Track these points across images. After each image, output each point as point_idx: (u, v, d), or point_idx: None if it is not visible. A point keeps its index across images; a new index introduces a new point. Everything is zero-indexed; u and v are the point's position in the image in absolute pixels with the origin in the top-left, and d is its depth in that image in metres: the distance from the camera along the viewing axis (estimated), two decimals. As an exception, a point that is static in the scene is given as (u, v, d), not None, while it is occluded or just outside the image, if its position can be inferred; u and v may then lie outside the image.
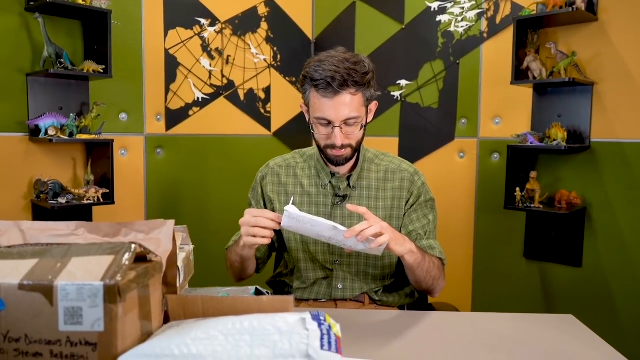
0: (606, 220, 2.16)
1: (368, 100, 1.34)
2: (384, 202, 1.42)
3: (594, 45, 2.15)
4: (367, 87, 1.31)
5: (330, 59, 1.29)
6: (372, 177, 1.44)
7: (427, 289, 1.39)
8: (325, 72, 1.26)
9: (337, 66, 1.26)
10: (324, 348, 0.65)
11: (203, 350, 0.66)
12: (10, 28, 2.07)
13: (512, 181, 2.23)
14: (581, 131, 2.19)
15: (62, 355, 0.68)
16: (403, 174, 1.44)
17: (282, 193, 1.47)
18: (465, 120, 2.50)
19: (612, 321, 2.15)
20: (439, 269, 1.38)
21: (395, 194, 1.43)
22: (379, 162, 1.46)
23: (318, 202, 1.43)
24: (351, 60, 1.29)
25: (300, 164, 1.49)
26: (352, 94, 1.28)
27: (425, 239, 1.42)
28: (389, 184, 1.44)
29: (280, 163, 1.51)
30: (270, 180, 1.49)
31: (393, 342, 1.09)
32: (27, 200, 2.15)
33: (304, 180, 1.46)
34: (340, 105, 1.28)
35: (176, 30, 2.52)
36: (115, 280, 0.67)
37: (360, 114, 1.31)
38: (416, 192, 1.43)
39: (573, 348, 1.06)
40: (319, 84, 1.28)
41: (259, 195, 1.50)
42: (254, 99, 2.71)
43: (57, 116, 2.10)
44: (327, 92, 1.27)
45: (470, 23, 2.44)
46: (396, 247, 1.19)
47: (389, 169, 1.45)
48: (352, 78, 1.26)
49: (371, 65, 1.33)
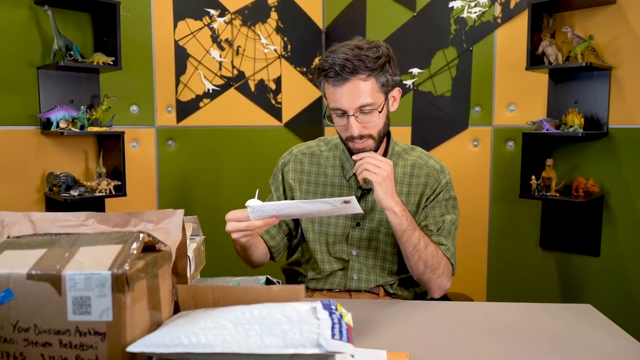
0: (625, 208, 2.12)
1: (384, 85, 1.27)
2: (407, 198, 1.38)
3: (612, 28, 2.09)
4: (380, 72, 1.25)
5: (342, 47, 1.25)
6: (398, 171, 1.40)
7: (420, 277, 1.30)
8: (334, 59, 1.23)
9: (346, 53, 1.23)
10: (335, 337, 0.63)
11: (212, 340, 0.65)
12: (20, 21, 2.08)
13: (528, 169, 2.18)
14: (599, 117, 2.14)
15: (71, 345, 0.67)
16: (429, 170, 1.40)
17: (304, 182, 1.44)
18: (479, 108, 2.45)
19: (631, 311, 2.10)
20: (438, 260, 1.28)
21: (419, 189, 1.39)
22: (407, 157, 1.42)
23: (342, 194, 1.40)
24: (363, 46, 1.25)
25: (325, 153, 1.45)
26: (363, 79, 1.23)
27: (437, 235, 1.35)
28: (414, 179, 1.40)
29: (304, 150, 1.47)
30: (293, 167, 1.45)
31: (406, 332, 1.07)
32: (40, 193, 2.17)
33: (328, 170, 1.42)
34: (351, 92, 1.23)
35: (185, 22, 2.51)
36: (123, 269, 0.67)
37: (376, 100, 1.26)
38: (438, 190, 1.39)
39: (592, 338, 1.04)
40: (328, 72, 1.24)
41: (279, 181, 1.47)
42: (265, 90, 2.70)
43: (68, 109, 2.10)
44: (337, 80, 1.24)
45: (484, 9, 2.39)
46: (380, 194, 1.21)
47: (415, 164, 1.41)
48: (362, 63, 1.22)
49: (387, 49, 1.28)
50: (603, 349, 0.98)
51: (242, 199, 2.66)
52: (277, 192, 1.47)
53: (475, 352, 0.97)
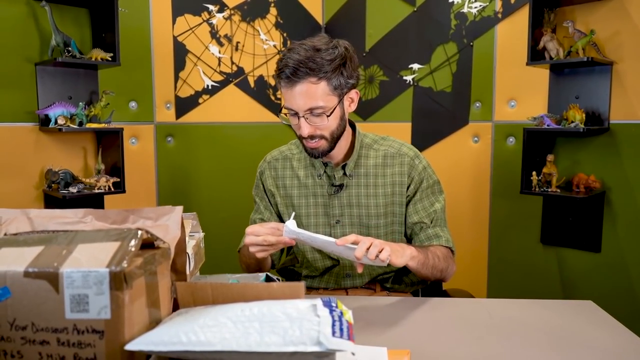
0: (626, 204, 2.11)
1: (337, 88, 1.25)
2: (383, 189, 1.38)
3: (613, 23, 2.08)
4: (333, 74, 1.23)
5: (299, 47, 1.24)
6: (369, 163, 1.39)
7: (435, 280, 1.39)
8: (286, 61, 1.22)
9: (300, 54, 1.21)
10: (335, 335, 0.63)
11: (212, 338, 0.64)
12: (18, 17, 2.06)
13: (529, 165, 2.17)
14: (600, 112, 2.13)
15: (69, 343, 0.67)
16: (402, 158, 1.39)
17: (281, 186, 1.45)
18: (479, 103, 2.44)
19: (632, 308, 2.10)
20: (445, 259, 1.34)
21: (395, 179, 1.38)
22: (378, 147, 1.41)
23: (315, 194, 1.40)
24: (321, 47, 1.23)
25: (297, 155, 1.46)
26: (314, 82, 1.22)
27: (432, 227, 1.38)
28: (388, 169, 1.39)
29: (276, 156, 1.48)
30: (269, 174, 1.47)
31: (407, 329, 1.06)
32: (39, 190, 2.16)
33: (300, 172, 1.43)
34: (302, 94, 1.23)
35: (184, 17, 2.50)
36: (121, 266, 0.66)
37: (327, 103, 1.24)
38: (417, 178, 1.38)
39: (594, 334, 1.03)
40: (280, 73, 1.24)
41: (261, 191, 1.48)
42: (264, 86, 2.68)
43: (67, 105, 2.09)
44: (288, 81, 1.23)
45: (484, 3, 2.37)
46: (397, 260, 1.16)
47: (387, 154, 1.40)
48: (314, 65, 1.20)
49: (346, 50, 1.26)
50: (604, 345, 0.98)
51: (241, 195, 2.66)
52: (262, 201, 1.48)
53: (476, 349, 0.97)
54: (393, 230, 1.40)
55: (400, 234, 1.42)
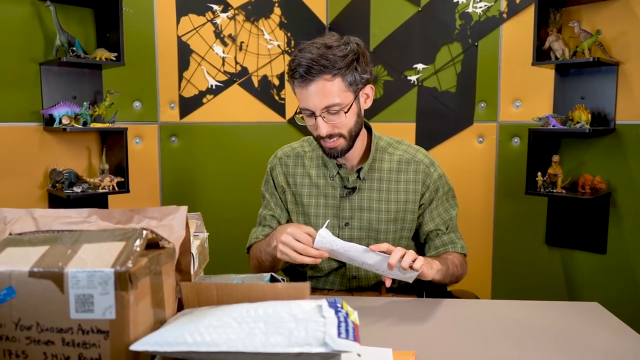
0: (632, 205, 2.09)
1: (352, 84, 1.24)
2: (396, 195, 1.37)
3: (620, 23, 2.06)
4: (347, 70, 1.22)
5: (310, 46, 1.23)
6: (384, 167, 1.38)
7: (450, 284, 1.41)
8: (300, 60, 1.21)
9: (312, 52, 1.20)
10: (341, 336, 0.62)
11: (217, 338, 0.64)
12: (22, 17, 2.06)
13: (534, 166, 2.16)
14: (606, 113, 2.12)
15: (74, 343, 0.66)
16: (418, 165, 1.38)
17: (292, 184, 1.43)
18: (484, 104, 2.43)
19: (638, 309, 2.08)
20: (461, 265, 1.37)
21: (409, 186, 1.37)
22: (393, 151, 1.40)
23: (327, 194, 1.39)
24: (332, 44, 1.22)
25: (309, 153, 1.44)
26: (328, 80, 1.21)
27: (447, 233, 1.39)
28: (402, 175, 1.38)
29: (288, 152, 1.46)
30: (280, 171, 1.45)
31: (412, 330, 1.06)
32: (43, 189, 2.16)
33: (312, 171, 1.41)
34: (316, 93, 1.21)
35: (188, 17, 2.50)
36: (126, 266, 0.66)
37: (343, 100, 1.23)
38: (433, 186, 1.38)
39: (600, 336, 1.02)
40: (293, 74, 1.23)
41: (272, 187, 1.47)
42: (268, 86, 2.68)
43: (71, 105, 2.09)
44: (302, 81, 1.22)
45: (489, 3, 2.36)
46: (428, 271, 1.19)
47: (402, 159, 1.38)
48: (324, 63, 1.19)
49: (358, 46, 1.25)
50: (610, 347, 0.97)
51: (245, 194, 2.66)
52: (272, 197, 1.46)
53: (481, 351, 0.96)
54: (402, 237, 1.40)
55: (408, 239, 1.42)
